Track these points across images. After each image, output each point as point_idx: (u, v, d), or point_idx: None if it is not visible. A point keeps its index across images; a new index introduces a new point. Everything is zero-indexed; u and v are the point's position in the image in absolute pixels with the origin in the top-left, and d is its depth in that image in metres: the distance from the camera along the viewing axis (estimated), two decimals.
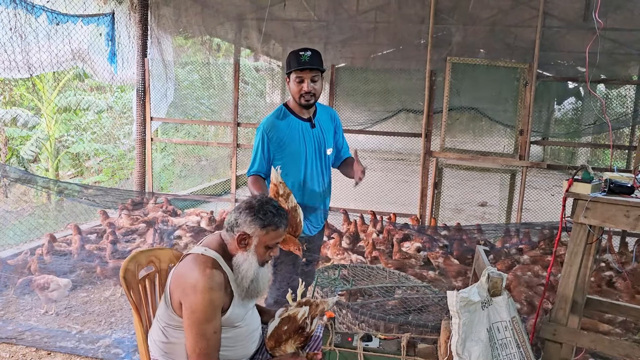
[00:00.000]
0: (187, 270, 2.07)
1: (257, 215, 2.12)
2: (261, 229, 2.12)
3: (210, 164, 11.15)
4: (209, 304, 1.99)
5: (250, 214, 2.13)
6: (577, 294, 2.42)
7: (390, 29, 8.92)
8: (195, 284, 2.00)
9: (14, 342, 3.63)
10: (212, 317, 2.01)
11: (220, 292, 2.04)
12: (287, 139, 3.04)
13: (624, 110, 7.40)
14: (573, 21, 7.47)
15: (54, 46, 5.73)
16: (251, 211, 2.13)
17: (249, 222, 2.12)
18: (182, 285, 2.05)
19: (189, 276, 2.04)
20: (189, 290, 2.01)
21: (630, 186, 2.33)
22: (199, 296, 1.98)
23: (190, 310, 2.00)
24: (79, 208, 6.48)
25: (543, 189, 7.26)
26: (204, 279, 2.00)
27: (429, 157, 6.47)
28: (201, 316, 1.99)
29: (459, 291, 2.11)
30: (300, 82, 2.95)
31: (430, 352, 2.32)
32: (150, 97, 7.27)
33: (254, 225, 2.12)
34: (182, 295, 2.03)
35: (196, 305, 1.99)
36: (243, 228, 2.13)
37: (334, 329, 2.30)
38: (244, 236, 2.13)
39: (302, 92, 2.96)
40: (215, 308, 2.03)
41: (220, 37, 9.28)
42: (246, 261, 2.13)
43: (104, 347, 3.61)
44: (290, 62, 2.98)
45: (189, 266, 2.08)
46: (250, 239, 2.13)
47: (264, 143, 3.02)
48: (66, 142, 10.41)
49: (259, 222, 2.12)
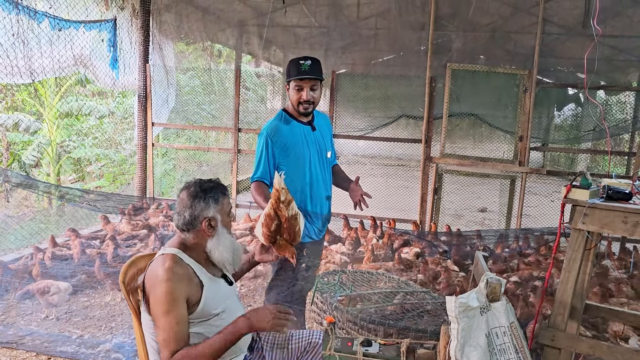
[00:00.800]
0: (151, 271, 2.12)
1: (207, 197, 2.18)
2: (217, 204, 2.19)
3: (211, 169, 11.17)
4: (168, 294, 2.02)
5: (201, 201, 2.18)
6: (575, 300, 2.43)
7: (390, 36, 8.96)
8: (156, 278, 2.06)
9: (14, 346, 3.64)
10: (173, 307, 2.03)
11: (182, 284, 2.07)
12: (290, 143, 3.06)
13: (624, 116, 7.42)
14: (572, 28, 7.50)
15: (56, 52, 5.77)
16: (199, 198, 2.18)
17: (204, 207, 2.17)
18: (149, 287, 2.10)
19: (152, 275, 2.10)
20: (152, 286, 2.07)
21: (628, 192, 2.35)
22: (159, 288, 2.03)
23: (154, 303, 2.05)
24: (80, 213, 6.50)
25: (543, 194, 7.28)
26: (162, 271, 2.05)
27: (429, 163, 6.49)
28: (163, 307, 2.02)
29: (457, 297, 2.12)
30: (300, 90, 3.00)
31: (429, 357, 2.33)
32: (152, 103, 7.30)
33: (211, 206, 2.18)
34: (149, 294, 2.08)
35: (158, 297, 2.03)
36: (203, 215, 2.17)
37: (334, 334, 2.31)
38: (210, 220, 2.18)
39: (301, 100, 3.01)
40: (176, 298, 2.04)
41: (222, 43, 9.32)
42: (219, 241, 2.19)
43: (105, 352, 3.62)
44: (290, 70, 3.02)
45: (152, 267, 2.14)
46: (215, 220, 2.19)
47: (267, 148, 3.02)
48: (68, 147, 10.44)
49: (212, 201, 2.18)
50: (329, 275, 4.19)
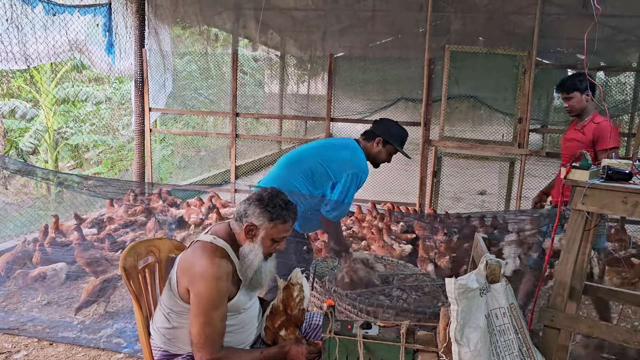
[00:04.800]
0: (196, 258, 2.09)
1: (266, 208, 2.15)
2: (269, 221, 2.15)
3: (210, 155, 11.15)
4: (216, 293, 2.03)
5: (259, 206, 2.16)
6: (574, 281, 2.44)
7: (388, 18, 8.86)
8: (203, 272, 2.03)
9: (16, 332, 3.66)
10: (219, 305, 2.05)
11: (228, 282, 2.08)
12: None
13: (624, 97, 7.38)
14: (572, 8, 7.41)
15: (51, 37, 5.71)
16: (261, 203, 2.16)
17: (257, 214, 2.15)
18: (190, 273, 2.07)
19: (197, 264, 2.07)
20: (197, 278, 2.04)
21: (628, 172, 2.34)
22: (207, 284, 2.01)
23: (198, 297, 2.03)
24: (79, 199, 6.49)
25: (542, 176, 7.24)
26: (212, 267, 2.03)
27: (428, 146, 6.47)
28: (209, 304, 2.02)
29: (457, 278, 2.12)
30: (390, 157, 3.37)
31: (429, 339, 2.34)
32: (149, 88, 7.25)
33: (262, 218, 2.15)
34: (190, 283, 2.06)
35: (204, 293, 2.02)
36: (251, 219, 2.15)
37: (333, 317, 2.32)
38: (252, 227, 2.16)
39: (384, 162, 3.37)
40: (222, 296, 2.06)
41: (218, 27, 9.22)
42: (252, 252, 2.16)
43: (106, 337, 3.64)
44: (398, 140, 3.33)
45: (197, 254, 2.11)
46: (258, 231, 2.16)
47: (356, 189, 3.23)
48: (65, 134, 10.40)
49: (267, 215, 2.15)
50: (328, 258, 4.20)
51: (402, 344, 2.24)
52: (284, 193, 2.27)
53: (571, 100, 3.60)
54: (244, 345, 2.28)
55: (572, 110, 3.64)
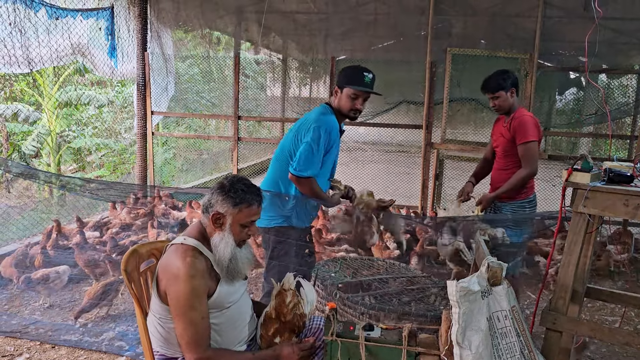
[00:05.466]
0: (169, 261, 2.11)
1: (229, 194, 2.15)
2: (233, 207, 2.15)
3: (212, 158, 11.15)
4: (191, 292, 2.03)
5: (221, 194, 2.16)
6: (576, 283, 2.43)
7: (390, 21, 8.87)
8: (177, 273, 2.04)
9: (18, 335, 3.67)
10: (197, 304, 2.05)
11: (203, 279, 2.08)
12: (334, 142, 3.07)
13: (626, 100, 7.37)
14: (573, 10, 7.41)
15: (54, 41, 5.73)
16: (222, 190, 2.16)
17: (220, 202, 2.15)
18: (166, 277, 2.09)
19: (171, 266, 2.08)
20: (172, 281, 2.05)
21: (630, 175, 2.33)
22: (182, 285, 2.03)
23: (175, 299, 2.04)
24: (81, 202, 6.51)
25: (544, 179, 7.23)
26: (184, 267, 2.04)
27: (430, 148, 6.47)
28: (186, 304, 2.03)
29: (458, 281, 2.12)
30: (355, 99, 3.03)
31: (431, 342, 2.33)
32: (151, 91, 7.27)
33: (226, 204, 2.15)
34: (167, 285, 2.08)
35: (180, 294, 2.03)
36: (216, 208, 2.16)
37: (335, 319, 2.32)
38: (218, 216, 2.16)
39: (353, 108, 3.05)
40: (199, 295, 2.06)
41: (220, 30, 9.25)
42: (222, 240, 2.16)
43: (108, 340, 3.64)
44: (350, 77, 3.04)
45: (170, 256, 2.12)
46: (225, 218, 2.16)
47: (321, 143, 2.97)
48: (67, 137, 10.43)
49: (230, 201, 2.15)
50: (329, 262, 4.20)
51: (404, 346, 2.23)
52: (246, 178, 2.27)
53: (497, 100, 3.59)
54: (239, 343, 2.27)
55: (500, 109, 3.65)
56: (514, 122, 3.52)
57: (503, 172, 3.67)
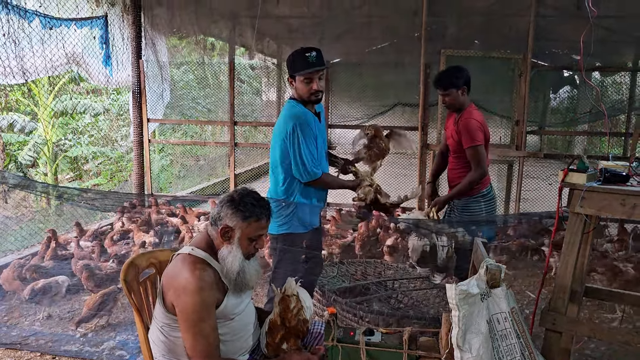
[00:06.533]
0: (177, 271, 2.09)
1: (238, 208, 2.14)
2: (242, 221, 2.14)
3: (209, 164, 11.16)
4: (201, 305, 2.02)
5: (231, 207, 2.15)
6: (575, 283, 2.44)
7: (384, 23, 8.89)
8: (185, 285, 2.03)
9: (18, 347, 3.65)
10: (207, 316, 2.04)
11: (212, 291, 2.07)
12: (315, 128, 3.05)
13: (620, 97, 7.41)
14: (567, 9, 7.45)
15: (48, 51, 5.73)
16: (232, 204, 2.15)
17: (230, 215, 2.14)
18: (174, 287, 2.07)
19: (179, 277, 2.06)
20: (180, 291, 2.04)
21: (625, 175, 2.35)
22: (191, 297, 2.01)
23: (184, 311, 2.03)
24: (79, 212, 6.49)
25: (540, 178, 7.28)
26: (193, 279, 2.03)
27: (425, 150, 6.49)
28: (195, 316, 2.02)
29: (458, 284, 2.13)
30: (309, 82, 2.98)
31: (431, 345, 2.34)
32: (147, 99, 7.27)
33: (236, 218, 2.14)
34: (174, 297, 2.06)
35: (189, 306, 2.01)
36: (225, 221, 2.15)
37: (336, 325, 2.32)
38: (227, 229, 2.15)
39: (312, 91, 3.00)
40: (208, 307, 2.06)
41: (214, 36, 9.25)
42: (230, 254, 2.15)
43: (109, 350, 3.63)
44: (296, 64, 2.99)
45: (177, 267, 2.11)
46: (233, 232, 2.15)
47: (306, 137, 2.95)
48: (64, 146, 10.41)
49: (240, 215, 2.13)
50: (327, 267, 4.20)
51: (404, 350, 2.24)
52: (256, 191, 2.26)
53: (448, 97, 3.60)
54: (242, 352, 2.27)
55: (450, 107, 3.67)
56: (460, 123, 3.54)
57: (455, 171, 3.76)
